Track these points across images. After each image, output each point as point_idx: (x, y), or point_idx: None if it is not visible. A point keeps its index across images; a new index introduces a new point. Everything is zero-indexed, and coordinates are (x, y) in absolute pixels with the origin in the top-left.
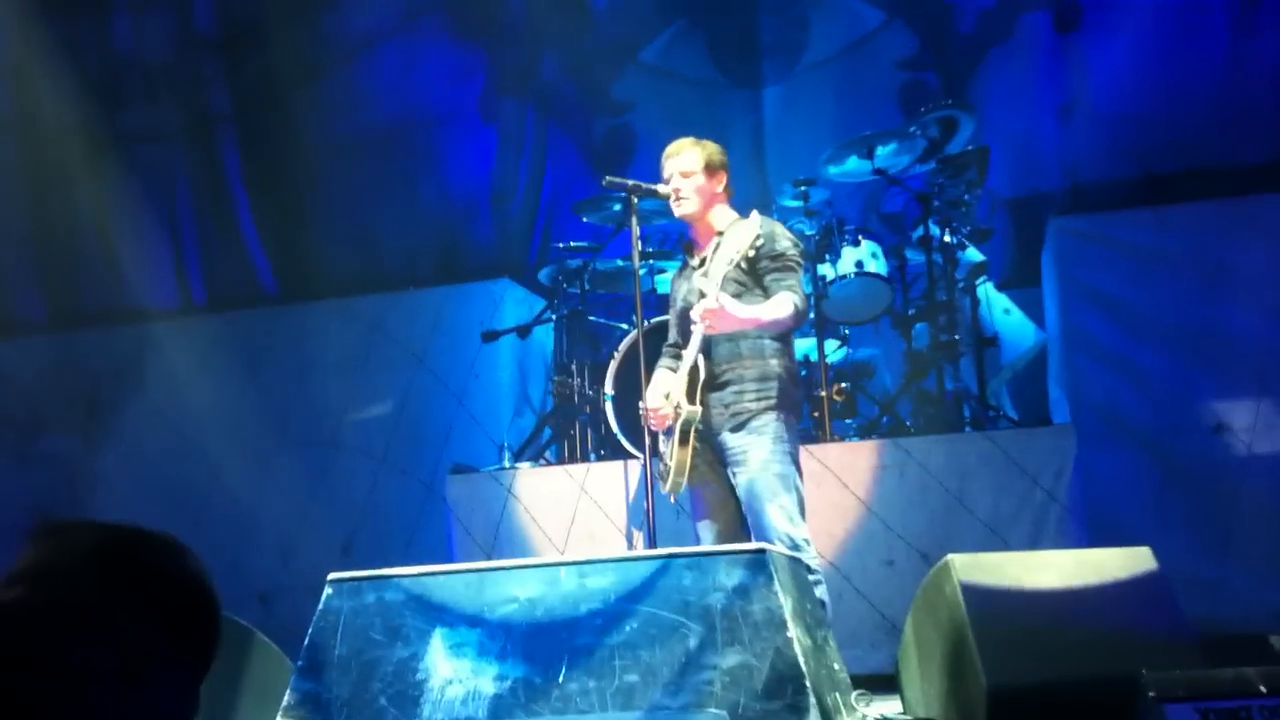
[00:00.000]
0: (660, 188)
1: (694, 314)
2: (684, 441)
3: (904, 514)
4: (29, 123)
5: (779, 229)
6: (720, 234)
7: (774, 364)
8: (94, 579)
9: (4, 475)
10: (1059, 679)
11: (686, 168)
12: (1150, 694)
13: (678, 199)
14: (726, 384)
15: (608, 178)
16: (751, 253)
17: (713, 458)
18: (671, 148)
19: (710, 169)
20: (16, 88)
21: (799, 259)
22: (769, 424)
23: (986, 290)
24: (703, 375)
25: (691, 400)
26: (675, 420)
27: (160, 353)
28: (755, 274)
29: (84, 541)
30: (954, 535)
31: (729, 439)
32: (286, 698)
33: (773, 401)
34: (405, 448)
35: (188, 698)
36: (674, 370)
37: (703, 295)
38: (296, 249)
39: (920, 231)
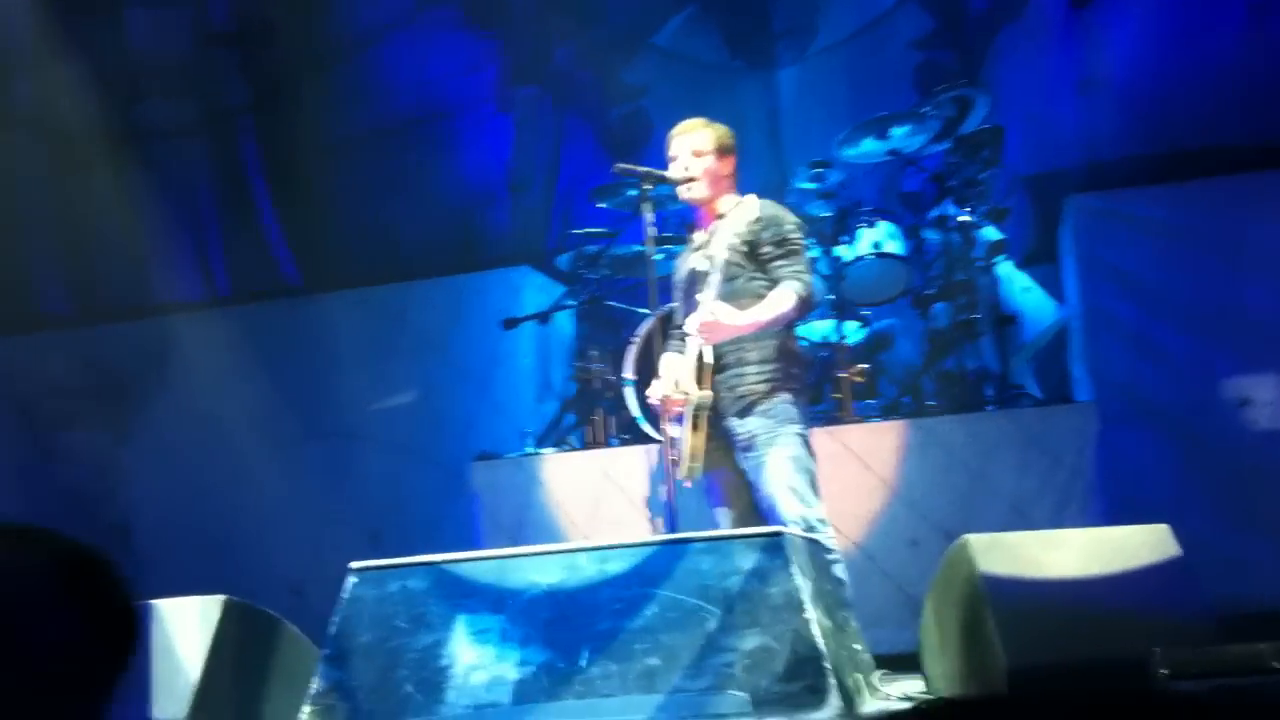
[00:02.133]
0: (670, 174)
1: (688, 326)
2: (696, 427)
3: (927, 494)
4: (48, 120)
5: (781, 211)
6: (721, 216)
7: (775, 344)
8: (52, 587)
9: (33, 471)
10: (1078, 658)
11: (699, 146)
12: (1162, 671)
13: (688, 182)
14: (727, 366)
15: (618, 165)
16: (751, 236)
17: (724, 443)
18: (682, 125)
19: (722, 151)
20: (34, 85)
21: (802, 240)
22: (774, 406)
23: (1005, 268)
24: (710, 360)
25: (700, 385)
26: (685, 406)
27: (185, 345)
28: (757, 258)
29: (42, 549)
30: (977, 514)
31: (736, 424)
32: (314, 685)
33: (777, 382)
34: (429, 436)
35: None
36: (681, 354)
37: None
38: (316, 240)
39: (937, 211)
